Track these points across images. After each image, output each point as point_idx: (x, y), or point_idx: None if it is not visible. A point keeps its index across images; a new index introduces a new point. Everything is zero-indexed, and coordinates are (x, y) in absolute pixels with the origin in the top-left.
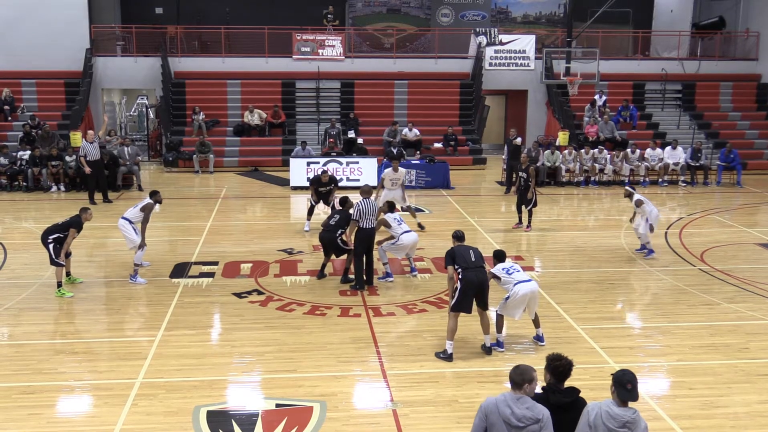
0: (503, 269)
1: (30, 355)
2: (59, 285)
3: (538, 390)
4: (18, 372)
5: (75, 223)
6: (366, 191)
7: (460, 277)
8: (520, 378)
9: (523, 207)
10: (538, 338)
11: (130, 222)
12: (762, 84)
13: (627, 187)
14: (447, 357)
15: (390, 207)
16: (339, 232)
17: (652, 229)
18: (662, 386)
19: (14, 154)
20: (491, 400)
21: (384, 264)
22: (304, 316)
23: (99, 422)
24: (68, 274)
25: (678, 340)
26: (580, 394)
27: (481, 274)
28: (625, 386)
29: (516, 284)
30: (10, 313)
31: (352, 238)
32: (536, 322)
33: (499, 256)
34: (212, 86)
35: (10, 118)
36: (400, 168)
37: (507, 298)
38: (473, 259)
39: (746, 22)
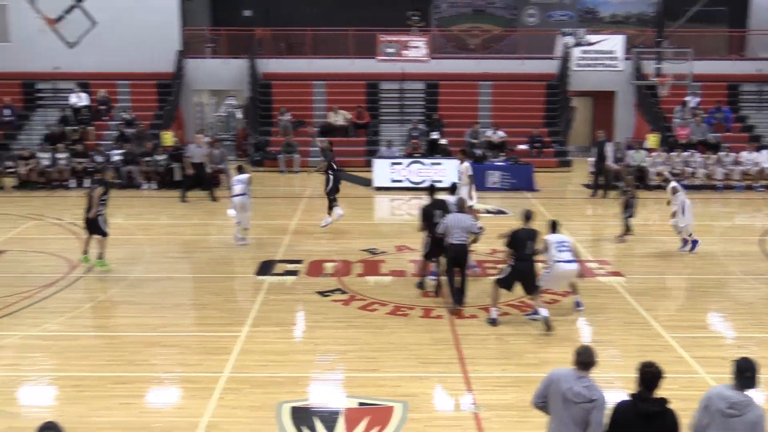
0: (557, 243)
1: (122, 347)
2: (100, 256)
3: (626, 397)
4: (111, 362)
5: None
6: (459, 204)
7: (512, 263)
8: (589, 360)
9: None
10: (577, 304)
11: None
12: None
13: (667, 173)
14: (491, 321)
15: (553, 226)
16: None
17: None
18: (757, 400)
19: (109, 152)
20: (557, 371)
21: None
22: (387, 316)
23: (187, 414)
24: (85, 252)
25: None
26: (670, 405)
27: (529, 265)
28: (743, 373)
29: (557, 262)
30: (104, 305)
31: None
32: (574, 290)
33: (554, 226)
34: (298, 87)
35: (105, 118)
36: (465, 162)
37: (547, 271)
38: (527, 252)
39: None
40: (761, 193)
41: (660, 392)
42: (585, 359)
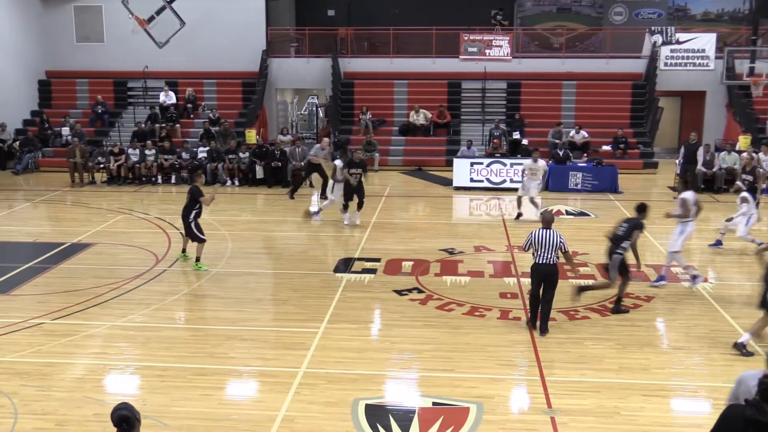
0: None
1: (204, 339)
2: (197, 260)
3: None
4: (193, 354)
5: (191, 191)
6: (547, 219)
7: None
8: None
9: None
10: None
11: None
12: None
13: (739, 183)
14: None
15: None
16: (621, 246)
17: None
18: None
19: (195, 149)
20: (747, 373)
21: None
22: (463, 317)
23: (264, 407)
24: (184, 250)
25: None
26: None
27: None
28: None
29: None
30: (187, 298)
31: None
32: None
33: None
34: (380, 86)
35: (192, 116)
36: (540, 160)
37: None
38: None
39: None
40: None
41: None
42: None
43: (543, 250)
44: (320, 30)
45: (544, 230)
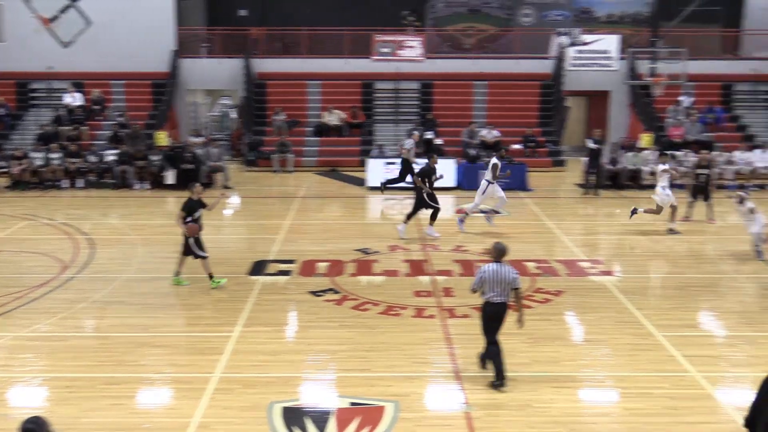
0: None
1: (114, 347)
2: (211, 276)
3: None
4: (102, 363)
5: (184, 205)
6: (499, 251)
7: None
8: None
9: (704, 201)
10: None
11: None
12: None
13: (741, 193)
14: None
15: None
16: None
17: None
18: (746, 397)
19: (102, 152)
20: None
21: None
22: (379, 316)
23: (178, 414)
24: (177, 273)
25: (765, 350)
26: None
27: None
28: None
29: None
30: (97, 305)
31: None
32: None
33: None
34: (293, 87)
35: (99, 118)
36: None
37: None
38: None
39: None
40: (754, 193)
41: (650, 391)
42: None
43: (498, 288)
44: (232, 30)
45: (497, 265)
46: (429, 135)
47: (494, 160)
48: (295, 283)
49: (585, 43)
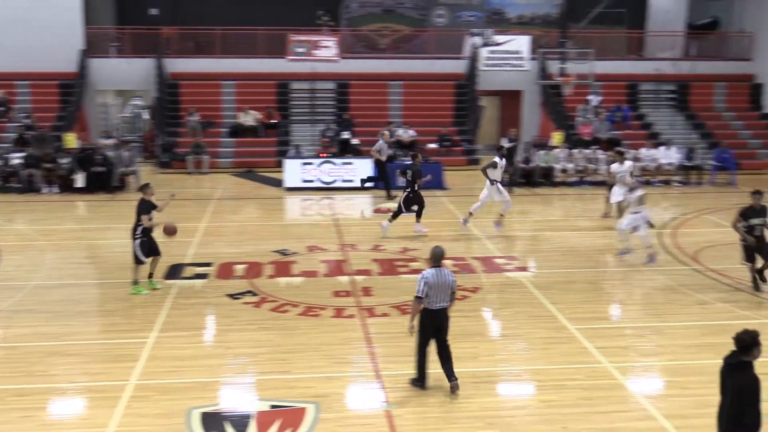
0: None
1: (22, 358)
2: (135, 282)
3: None
4: (11, 374)
5: (141, 208)
6: (437, 255)
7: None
8: None
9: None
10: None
11: None
12: (755, 84)
13: (632, 181)
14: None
15: None
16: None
17: (638, 228)
18: (656, 386)
19: (7, 155)
20: None
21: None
22: (298, 317)
23: (91, 424)
24: (150, 275)
25: (671, 340)
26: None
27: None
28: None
29: None
30: (3, 315)
31: (414, 323)
32: None
33: None
34: (207, 87)
35: (4, 120)
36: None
37: None
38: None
39: (740, 23)
40: (659, 188)
41: (564, 383)
42: None
43: (438, 293)
44: (143, 29)
45: (437, 269)
46: (345, 135)
47: (495, 158)
48: (212, 286)
49: (497, 44)
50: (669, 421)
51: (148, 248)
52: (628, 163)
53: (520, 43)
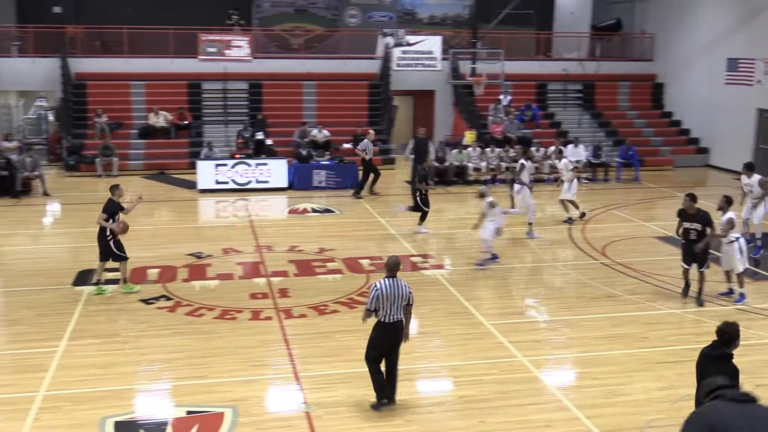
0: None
1: None
2: (125, 281)
3: None
4: None
5: (105, 206)
6: (392, 265)
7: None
8: None
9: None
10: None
11: None
12: (657, 84)
13: (481, 188)
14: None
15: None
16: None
17: (499, 232)
18: (568, 377)
19: None
20: None
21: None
22: (214, 321)
23: None
24: (125, 280)
25: (582, 332)
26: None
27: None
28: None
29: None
30: None
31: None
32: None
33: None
34: (115, 88)
35: None
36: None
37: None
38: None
39: (642, 24)
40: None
41: (480, 377)
42: None
43: (393, 306)
44: (46, 28)
45: (391, 280)
46: (259, 135)
47: (522, 161)
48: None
49: (409, 44)
50: (581, 411)
51: (121, 245)
52: (564, 161)
53: (432, 43)
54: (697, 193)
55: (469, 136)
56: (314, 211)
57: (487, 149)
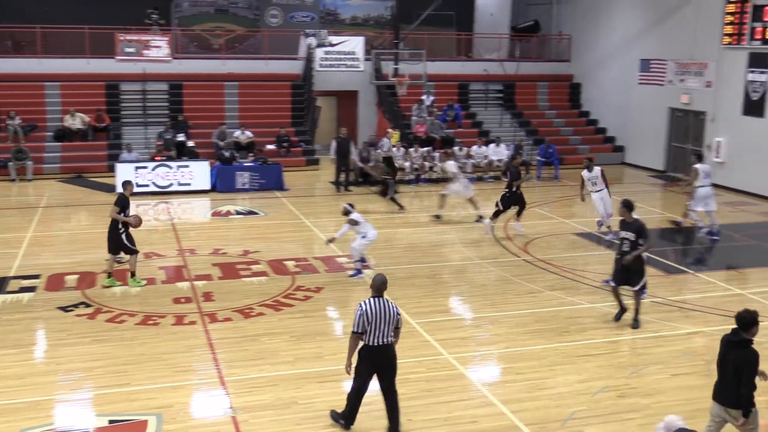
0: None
1: None
2: (133, 275)
3: None
4: None
5: (117, 200)
6: (379, 284)
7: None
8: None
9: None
10: None
11: None
12: (574, 84)
13: (346, 206)
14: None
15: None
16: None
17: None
18: (493, 373)
19: None
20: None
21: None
22: (137, 327)
23: None
24: (133, 274)
25: (506, 328)
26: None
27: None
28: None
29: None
30: None
31: (353, 359)
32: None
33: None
34: (28, 89)
35: None
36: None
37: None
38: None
39: (559, 26)
40: (490, 184)
41: (408, 375)
42: None
43: (380, 327)
44: None
45: (378, 300)
46: (180, 137)
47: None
48: (41, 300)
49: (332, 45)
50: (506, 406)
51: (132, 239)
52: (450, 163)
53: (355, 44)
54: (612, 190)
55: (393, 137)
56: (238, 213)
57: (411, 149)
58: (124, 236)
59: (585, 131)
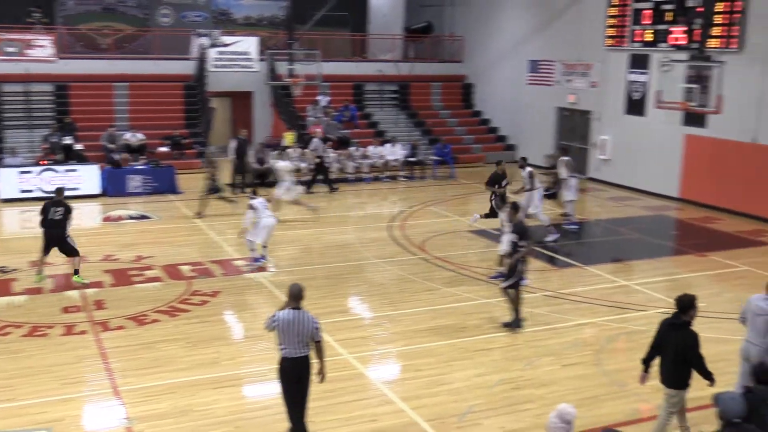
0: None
1: None
2: (76, 272)
3: None
4: None
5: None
6: (295, 294)
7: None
8: None
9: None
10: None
11: None
12: (466, 84)
13: (249, 194)
14: None
15: None
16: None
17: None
18: (392, 371)
19: None
20: (752, 297)
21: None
22: (22, 339)
23: None
24: (76, 272)
25: (404, 326)
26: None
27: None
28: None
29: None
30: None
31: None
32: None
33: None
34: None
35: None
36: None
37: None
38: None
39: (451, 27)
40: (387, 184)
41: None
42: None
43: (293, 340)
44: None
45: (294, 312)
46: (67, 140)
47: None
48: None
49: (225, 45)
50: (405, 402)
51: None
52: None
53: (248, 44)
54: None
55: (288, 137)
56: (130, 217)
57: (306, 150)
58: (70, 239)
59: (478, 130)
